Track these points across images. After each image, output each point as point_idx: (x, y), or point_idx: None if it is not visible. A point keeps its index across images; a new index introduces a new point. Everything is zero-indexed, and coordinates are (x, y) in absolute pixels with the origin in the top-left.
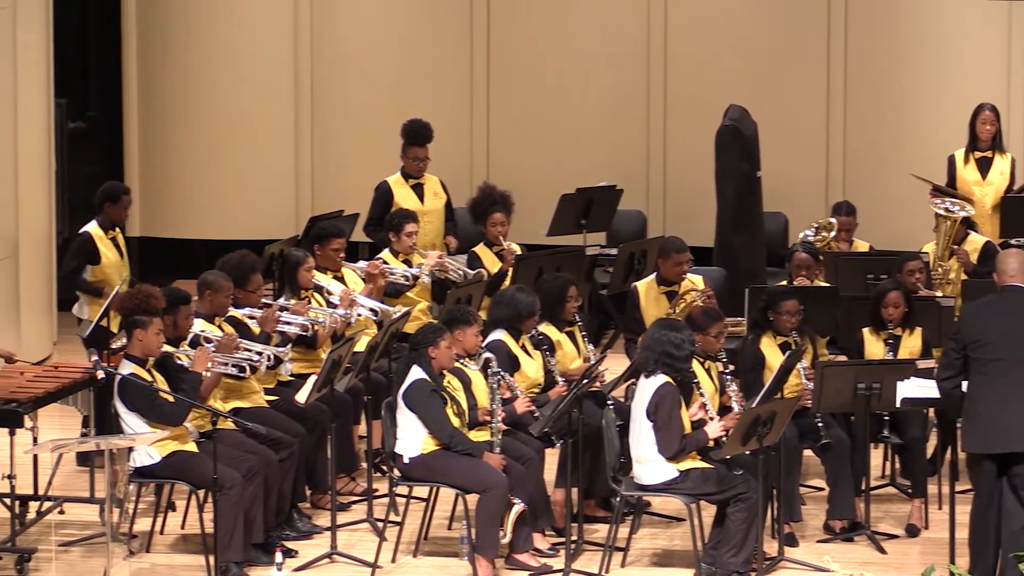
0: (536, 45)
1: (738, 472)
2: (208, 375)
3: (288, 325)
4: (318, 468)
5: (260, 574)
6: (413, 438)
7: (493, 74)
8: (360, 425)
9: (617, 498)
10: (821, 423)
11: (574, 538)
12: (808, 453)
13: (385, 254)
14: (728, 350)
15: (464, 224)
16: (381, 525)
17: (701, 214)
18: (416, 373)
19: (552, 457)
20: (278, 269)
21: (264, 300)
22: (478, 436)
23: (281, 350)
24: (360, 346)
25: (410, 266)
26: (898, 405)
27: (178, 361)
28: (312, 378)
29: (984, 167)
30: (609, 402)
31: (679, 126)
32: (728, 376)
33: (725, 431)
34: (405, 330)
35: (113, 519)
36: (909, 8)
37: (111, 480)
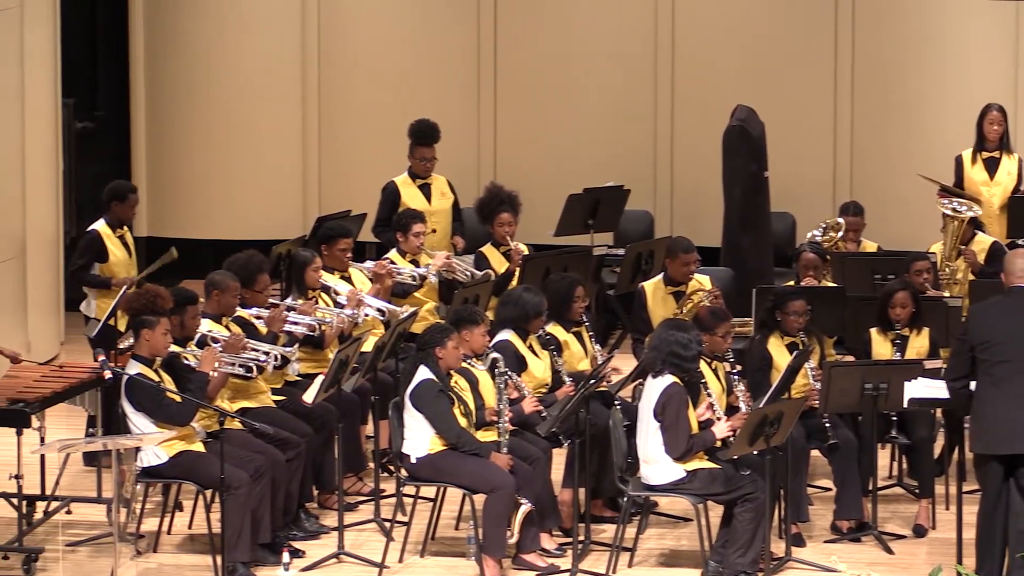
0: (543, 45)
1: (745, 472)
2: (215, 375)
3: (295, 325)
4: (325, 468)
5: (267, 574)
6: (420, 438)
7: (500, 74)
8: (367, 425)
9: (624, 498)
10: (828, 423)
11: (581, 538)
12: (815, 453)
13: (392, 254)
14: (735, 350)
15: (471, 224)
16: (388, 525)
17: (708, 214)
18: (423, 373)
19: (559, 457)
20: (285, 269)
21: (271, 300)
22: (485, 436)
23: (288, 350)
24: (367, 346)
25: (417, 266)
26: (905, 405)
27: (185, 361)
28: (319, 378)
29: (992, 167)
30: (616, 402)
31: (686, 126)
32: (735, 376)
33: (732, 431)
34: (412, 330)
35: (120, 519)
36: (916, 8)
37: (118, 480)
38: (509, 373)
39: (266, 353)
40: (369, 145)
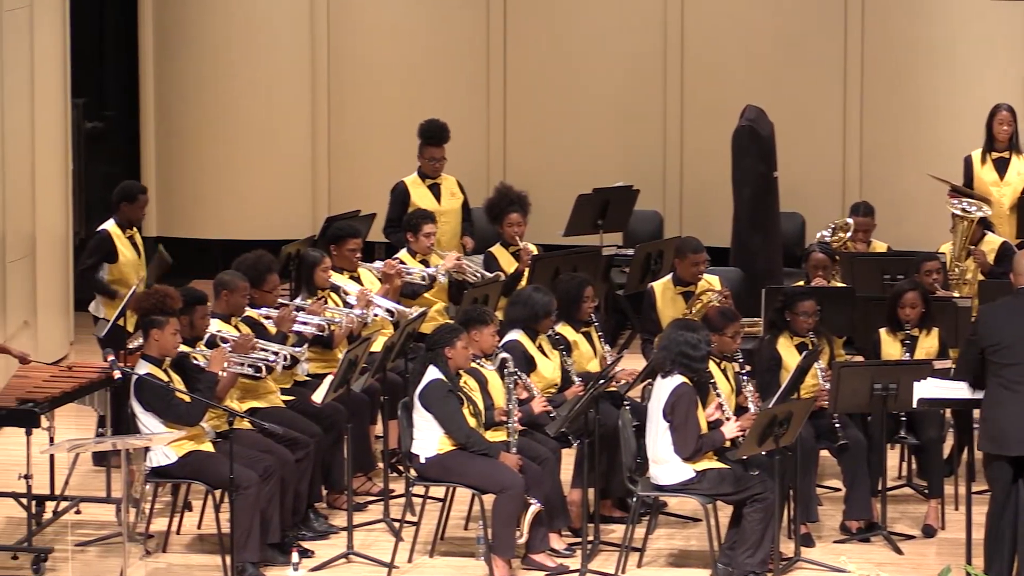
0: (553, 45)
1: (754, 472)
2: (224, 375)
3: (304, 325)
4: (334, 468)
5: (276, 574)
6: (429, 438)
7: (510, 74)
8: (377, 425)
9: (633, 498)
10: (838, 423)
11: (590, 538)
12: (824, 453)
13: (403, 254)
14: (745, 350)
15: (480, 224)
16: (397, 525)
17: (718, 214)
18: (433, 373)
19: (568, 457)
20: (295, 269)
21: (280, 300)
22: (494, 436)
23: (297, 350)
24: (377, 346)
25: (428, 266)
26: (915, 405)
27: (194, 361)
28: (329, 378)
29: (1001, 167)
30: (625, 402)
31: (696, 126)
32: (744, 376)
33: (742, 431)
34: (422, 330)
35: (129, 519)
36: (925, 9)
37: (127, 480)
38: (518, 373)
39: (275, 353)
40: (378, 145)
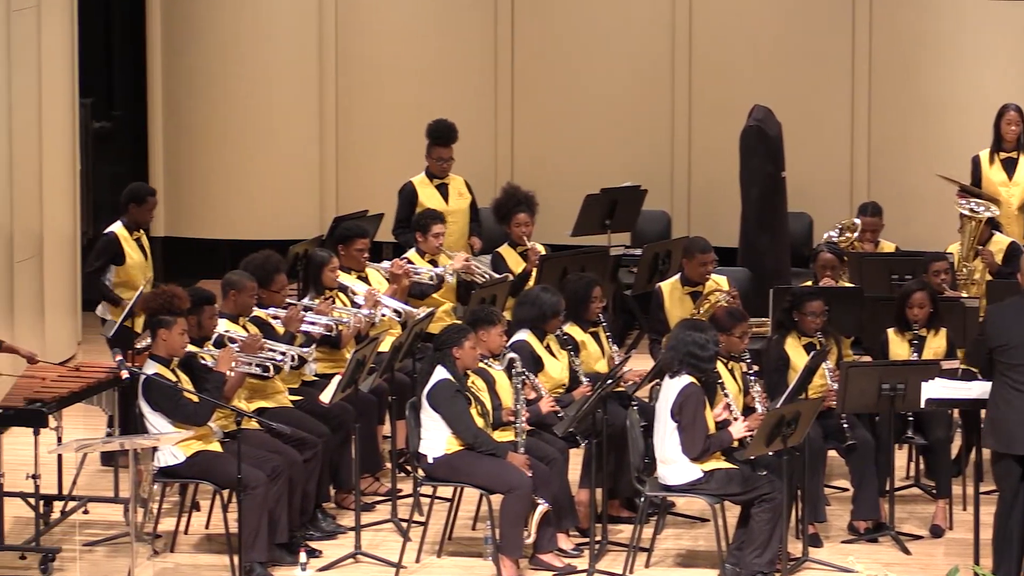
0: (561, 45)
1: (762, 473)
2: (232, 375)
3: (312, 325)
4: (342, 468)
5: (284, 574)
6: (437, 438)
7: (517, 74)
8: (384, 425)
9: (641, 498)
10: (846, 424)
11: (598, 538)
12: (832, 453)
13: (411, 254)
14: (753, 351)
15: (488, 224)
16: (405, 525)
17: (725, 214)
18: (440, 373)
19: (576, 457)
20: (302, 269)
21: (288, 300)
22: (502, 436)
23: (305, 350)
24: (384, 346)
25: (436, 266)
26: (923, 406)
27: (202, 361)
28: (336, 378)
29: (1010, 168)
30: (633, 403)
31: (704, 126)
32: (752, 377)
33: (749, 432)
34: (429, 330)
35: (137, 519)
36: (933, 8)
37: (135, 480)
38: (526, 373)
39: (283, 353)
40: (386, 145)
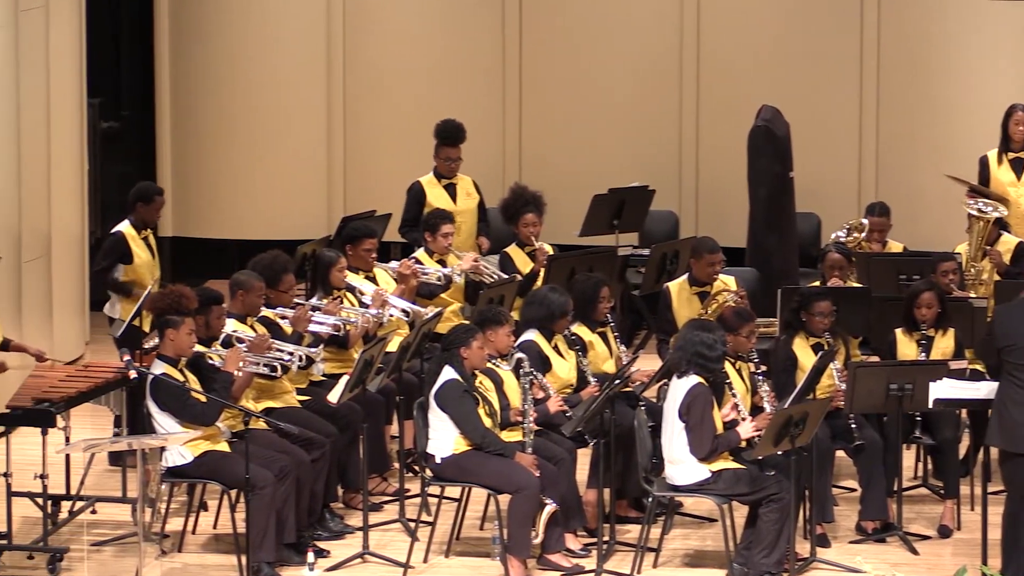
0: (568, 45)
1: (770, 473)
2: (240, 375)
3: (320, 325)
4: (350, 468)
5: (292, 574)
6: (445, 438)
7: (525, 74)
8: (392, 425)
9: (649, 499)
10: (854, 424)
11: (606, 538)
12: (840, 454)
13: (420, 254)
14: (760, 351)
15: (496, 224)
16: (413, 525)
17: (733, 214)
18: (448, 373)
19: (584, 458)
20: (310, 269)
21: (296, 300)
22: (510, 436)
23: (313, 350)
24: (392, 346)
25: (445, 266)
26: (930, 406)
27: (210, 361)
28: (344, 378)
29: (1018, 168)
30: (641, 403)
31: (712, 126)
32: (760, 377)
33: (757, 432)
34: (437, 330)
35: (145, 519)
36: (941, 8)
37: (143, 480)
38: (534, 373)
39: (291, 353)
40: (394, 145)
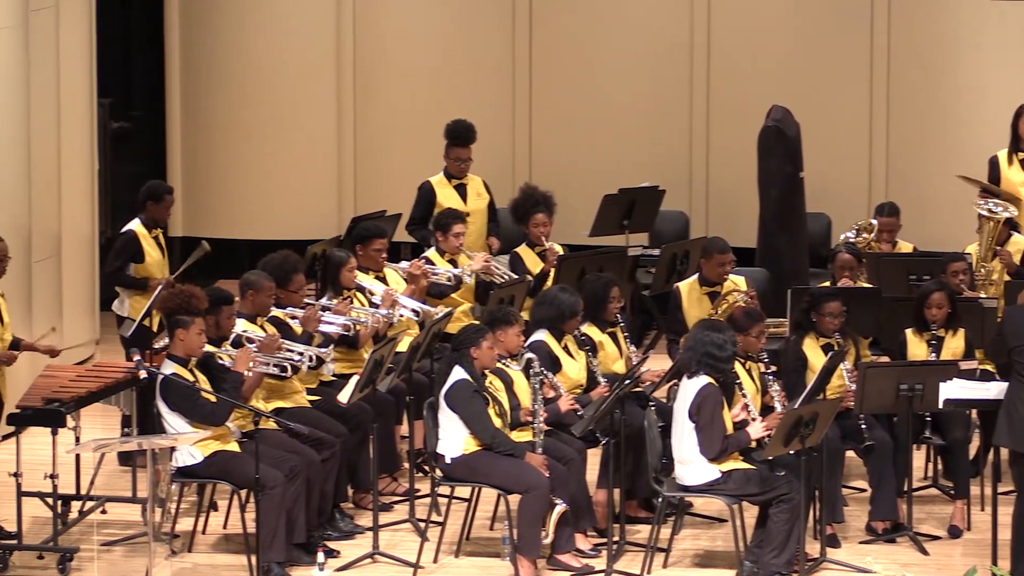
0: (578, 45)
1: (780, 473)
2: (250, 375)
3: (330, 325)
4: (360, 468)
5: (302, 574)
6: (455, 438)
7: (535, 74)
8: (402, 425)
9: (659, 499)
10: (864, 424)
11: (616, 539)
12: (850, 454)
13: (431, 253)
14: (771, 351)
15: (506, 225)
16: (423, 525)
17: (744, 215)
18: (458, 373)
19: (594, 458)
20: (320, 269)
21: (306, 300)
22: (520, 436)
23: (323, 351)
24: (402, 346)
25: (456, 266)
26: (940, 406)
27: (220, 361)
28: (354, 378)
29: None
30: (651, 403)
31: (722, 126)
32: (770, 377)
33: (767, 432)
34: (447, 330)
35: (155, 519)
36: (951, 8)
37: (153, 480)
38: (545, 372)
39: (301, 353)
40: (404, 145)
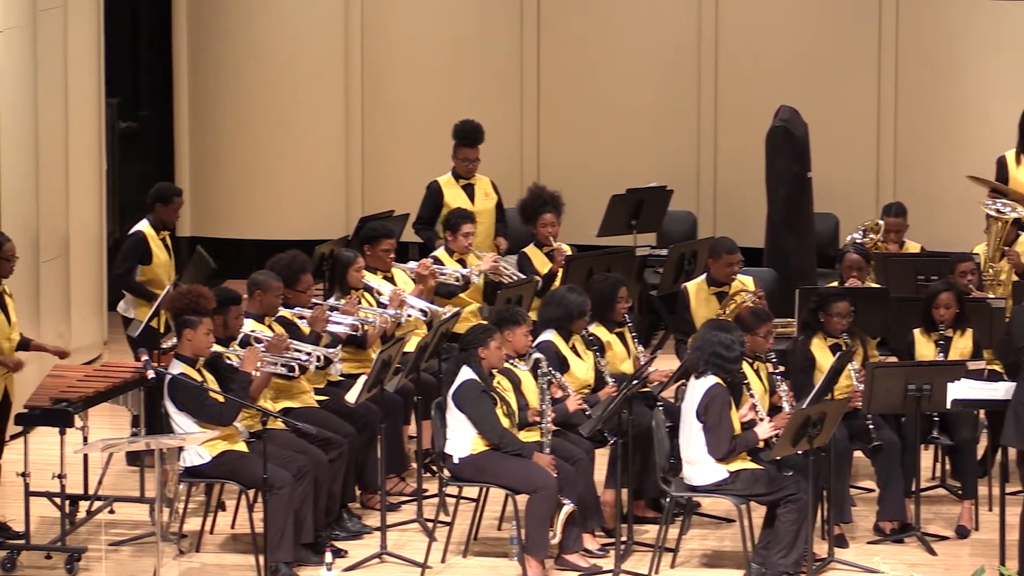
0: (586, 45)
1: (788, 473)
2: (258, 375)
3: (338, 325)
4: (368, 468)
5: (310, 574)
6: (463, 438)
7: (543, 74)
8: (410, 425)
9: (667, 499)
10: (871, 424)
11: (624, 539)
12: (858, 454)
13: (440, 253)
14: (778, 351)
15: (514, 225)
16: (431, 525)
17: (751, 215)
18: (466, 373)
19: (602, 458)
20: (328, 269)
21: (314, 300)
22: (528, 436)
23: (331, 351)
24: (410, 346)
25: (464, 266)
26: (948, 406)
27: (228, 361)
28: (362, 378)
29: None
30: (659, 403)
31: (730, 127)
32: (778, 377)
33: (775, 432)
34: (455, 330)
35: (163, 519)
36: (960, 9)
37: (161, 480)
38: (553, 372)
39: (309, 353)
40: (412, 145)
